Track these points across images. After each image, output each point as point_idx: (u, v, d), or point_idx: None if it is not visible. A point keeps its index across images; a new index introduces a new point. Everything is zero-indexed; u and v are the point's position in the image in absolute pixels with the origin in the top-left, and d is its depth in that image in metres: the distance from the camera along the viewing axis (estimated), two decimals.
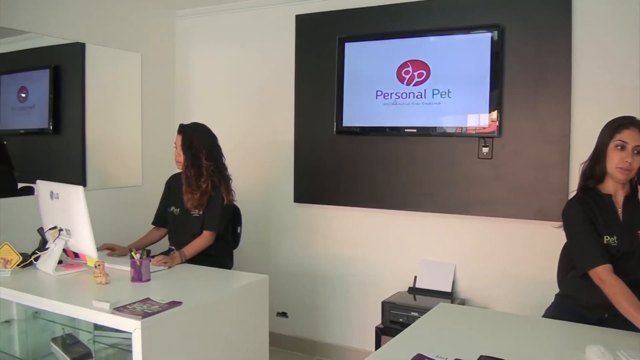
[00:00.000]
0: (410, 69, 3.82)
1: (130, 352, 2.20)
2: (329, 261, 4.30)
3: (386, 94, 3.90)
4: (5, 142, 3.71)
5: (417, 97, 3.80)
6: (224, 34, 4.72)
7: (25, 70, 3.96)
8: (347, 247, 4.22)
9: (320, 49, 4.19)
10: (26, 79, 3.94)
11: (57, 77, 4.03)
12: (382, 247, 4.09)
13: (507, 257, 3.68)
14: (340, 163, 4.16)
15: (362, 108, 4.00)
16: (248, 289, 2.91)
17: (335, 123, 4.09)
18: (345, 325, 4.25)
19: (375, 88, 3.94)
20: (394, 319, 3.61)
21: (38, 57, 3.95)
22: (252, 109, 4.60)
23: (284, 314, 4.48)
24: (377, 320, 3.74)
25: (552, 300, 2.71)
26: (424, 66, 3.78)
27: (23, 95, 3.90)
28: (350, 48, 4.03)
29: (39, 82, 3.97)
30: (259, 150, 4.56)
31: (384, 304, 3.69)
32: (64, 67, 4.06)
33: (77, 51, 4.10)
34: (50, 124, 4.02)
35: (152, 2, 4.58)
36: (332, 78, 4.10)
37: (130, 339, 2.19)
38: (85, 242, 2.80)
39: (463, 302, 3.75)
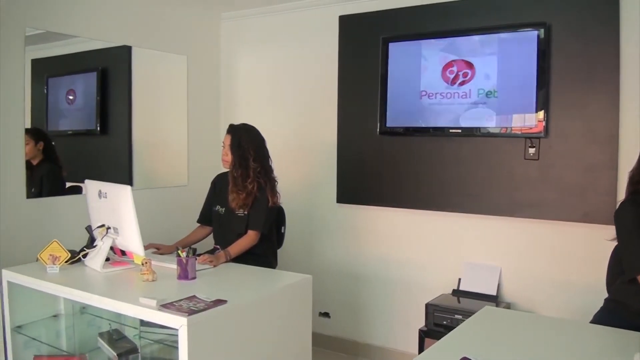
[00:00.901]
0: (455, 68, 3.78)
1: (175, 348, 2.24)
2: (371, 262, 4.28)
3: (430, 94, 3.87)
4: (53, 143, 3.78)
5: (462, 97, 3.76)
6: (268, 35, 4.75)
7: (73, 73, 4.03)
8: (390, 248, 4.20)
9: (363, 50, 4.18)
10: (74, 81, 4.02)
11: (104, 79, 4.10)
12: (425, 248, 4.05)
13: (553, 261, 3.60)
14: (383, 164, 4.14)
15: (406, 108, 3.98)
16: (292, 288, 2.92)
17: (378, 123, 4.08)
18: (388, 327, 4.23)
19: (420, 88, 3.91)
20: (438, 322, 3.58)
21: (86, 60, 4.02)
22: (295, 109, 4.62)
23: (326, 314, 4.48)
24: (421, 323, 3.71)
25: (601, 305, 2.64)
26: (469, 66, 3.73)
27: (71, 97, 3.98)
28: (394, 48, 4.01)
29: (87, 85, 4.05)
30: (302, 150, 4.58)
31: (427, 306, 3.66)
32: (111, 70, 4.14)
33: (123, 54, 4.18)
34: (98, 125, 4.10)
35: (197, 5, 4.64)
36: (375, 78, 4.08)
37: (175, 335, 2.22)
38: (132, 240, 2.85)
39: (508, 306, 3.69)
